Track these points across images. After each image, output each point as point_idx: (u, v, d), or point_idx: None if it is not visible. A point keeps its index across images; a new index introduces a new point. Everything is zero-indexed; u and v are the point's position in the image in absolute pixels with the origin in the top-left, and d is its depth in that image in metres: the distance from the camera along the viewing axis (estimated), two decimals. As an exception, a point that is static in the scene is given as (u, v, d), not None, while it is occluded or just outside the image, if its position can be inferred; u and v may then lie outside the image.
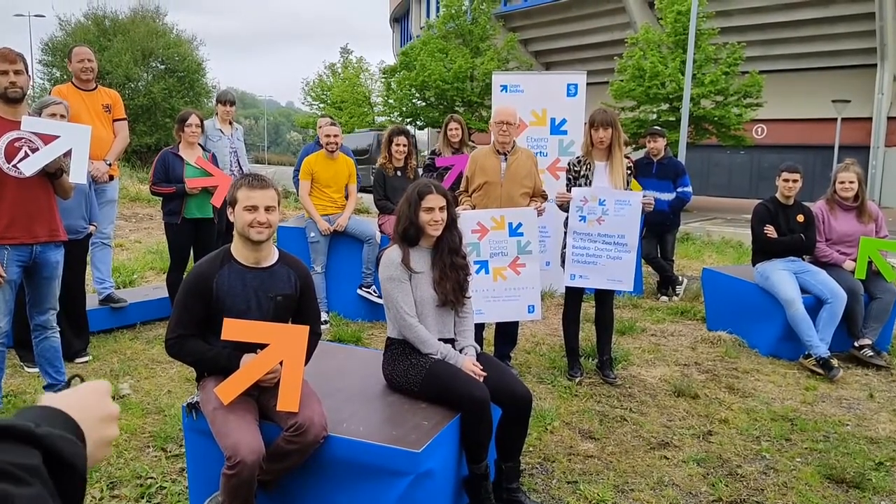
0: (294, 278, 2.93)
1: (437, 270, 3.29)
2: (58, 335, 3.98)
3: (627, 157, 5.31)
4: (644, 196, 4.70)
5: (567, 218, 4.75)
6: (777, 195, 5.60)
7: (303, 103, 49.29)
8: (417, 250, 3.31)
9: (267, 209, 2.77)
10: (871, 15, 23.73)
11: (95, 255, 5.50)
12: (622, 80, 23.64)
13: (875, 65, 25.20)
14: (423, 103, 31.36)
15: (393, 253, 3.27)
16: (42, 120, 3.77)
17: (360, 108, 39.68)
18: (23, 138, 3.61)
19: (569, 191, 4.73)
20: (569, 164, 4.86)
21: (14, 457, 0.77)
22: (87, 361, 4.83)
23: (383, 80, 35.49)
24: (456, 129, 6.36)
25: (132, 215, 12.88)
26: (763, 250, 5.59)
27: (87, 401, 0.96)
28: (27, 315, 3.91)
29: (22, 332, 4.29)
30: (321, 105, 44.92)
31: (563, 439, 3.92)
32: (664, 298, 7.37)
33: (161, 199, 5.53)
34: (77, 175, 3.73)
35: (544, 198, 4.87)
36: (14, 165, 3.56)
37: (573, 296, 4.88)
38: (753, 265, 5.70)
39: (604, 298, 4.86)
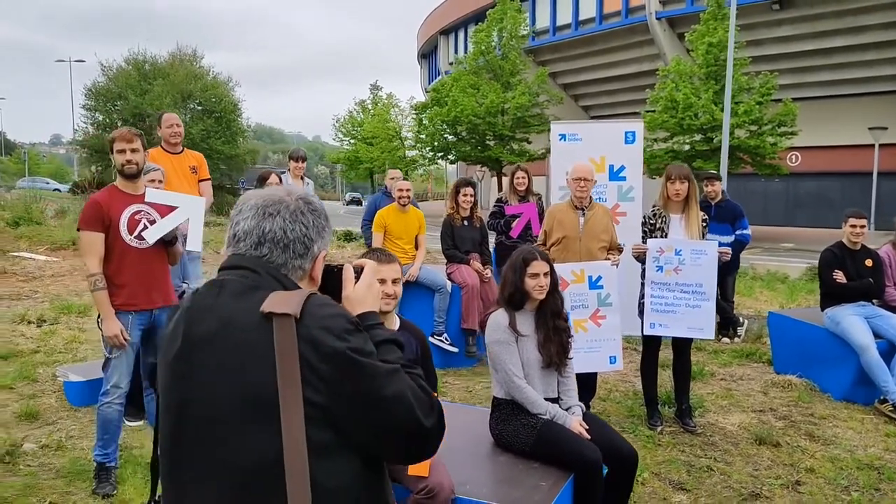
0: (415, 344, 3.10)
1: (541, 333, 3.44)
2: (167, 394, 4.18)
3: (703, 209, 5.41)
4: (720, 246, 4.82)
5: (644, 269, 4.88)
6: (844, 240, 5.68)
7: (333, 139, 50.18)
8: (522, 313, 3.47)
9: (394, 281, 2.96)
10: (905, 41, 23.74)
11: (184, 310, 5.73)
12: (654, 112, 23.81)
13: (912, 90, 25.13)
14: (455, 138, 31.77)
15: (499, 317, 3.44)
16: (163, 192, 4.01)
17: (390, 143, 40.23)
18: (141, 211, 3.85)
19: (644, 243, 4.87)
20: (644, 217, 5.00)
21: (398, 354, 1.55)
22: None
23: (415, 115, 36.03)
24: (523, 178, 6.56)
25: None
26: (832, 295, 5.66)
27: (373, 294, 1.67)
28: (140, 374, 4.11)
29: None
30: (352, 140, 45.65)
31: (655, 491, 4.01)
32: (726, 340, 7.42)
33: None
34: (194, 243, 3.96)
35: (619, 250, 5.00)
36: (136, 237, 3.79)
37: (651, 345, 4.98)
38: (822, 310, 5.76)
39: (682, 347, 4.96)
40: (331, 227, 1.66)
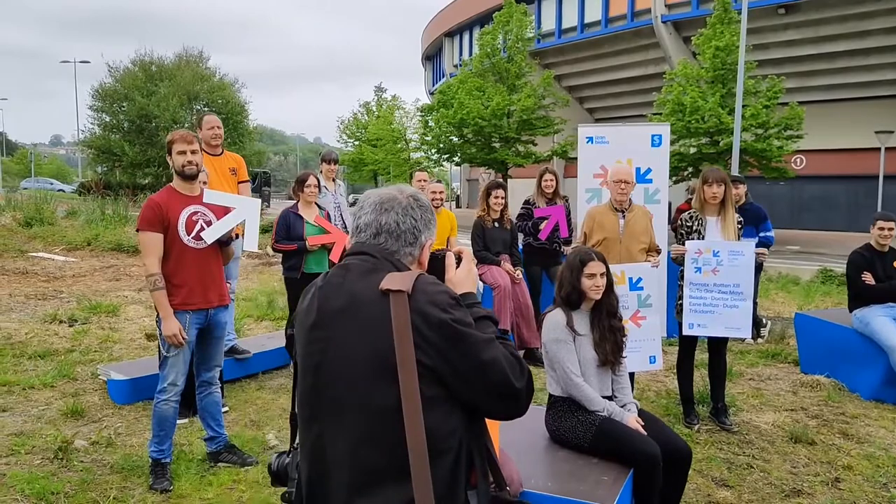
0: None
1: (597, 332, 3.53)
2: (220, 391, 4.26)
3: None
4: (757, 247, 4.91)
5: (681, 270, 4.96)
6: (871, 243, 5.77)
7: (338, 140, 50.26)
8: (577, 313, 3.55)
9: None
10: (910, 46, 23.87)
11: (224, 309, 5.82)
12: (661, 115, 23.92)
13: (917, 94, 25.26)
14: (461, 140, 31.85)
15: (557, 316, 3.52)
16: (219, 193, 4.10)
17: (395, 146, 40.32)
18: (198, 212, 3.93)
19: (682, 244, 4.95)
20: (680, 219, 5.09)
21: (493, 328, 1.74)
22: (226, 412, 5.10)
23: (420, 117, 36.13)
24: (550, 180, 6.64)
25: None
26: (860, 296, 5.74)
27: (471, 279, 1.89)
28: (193, 373, 4.19)
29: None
30: (356, 142, 45.73)
31: (699, 487, 4.09)
32: (749, 340, 7.51)
33: (282, 255, 5.84)
34: (250, 244, 4.04)
35: (658, 252, 5.09)
36: (194, 237, 3.87)
37: (688, 345, 5.07)
38: (850, 311, 5.85)
39: (717, 347, 5.04)
40: (436, 220, 1.89)
